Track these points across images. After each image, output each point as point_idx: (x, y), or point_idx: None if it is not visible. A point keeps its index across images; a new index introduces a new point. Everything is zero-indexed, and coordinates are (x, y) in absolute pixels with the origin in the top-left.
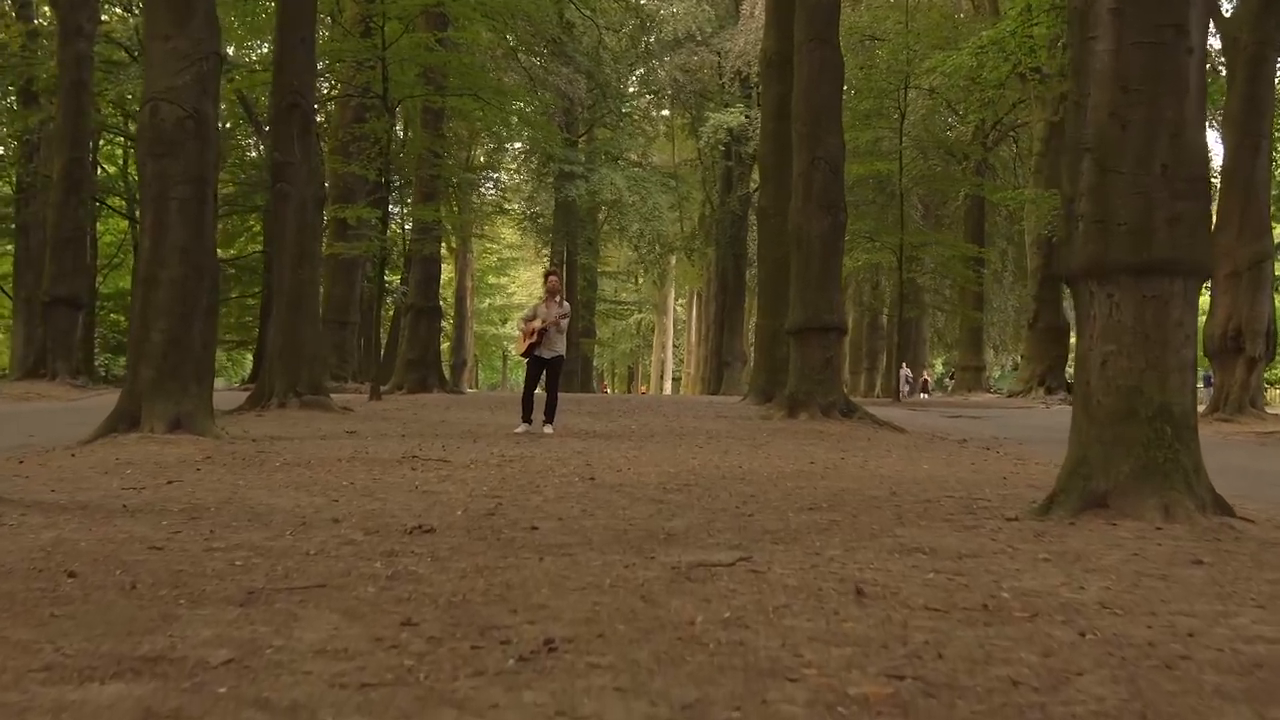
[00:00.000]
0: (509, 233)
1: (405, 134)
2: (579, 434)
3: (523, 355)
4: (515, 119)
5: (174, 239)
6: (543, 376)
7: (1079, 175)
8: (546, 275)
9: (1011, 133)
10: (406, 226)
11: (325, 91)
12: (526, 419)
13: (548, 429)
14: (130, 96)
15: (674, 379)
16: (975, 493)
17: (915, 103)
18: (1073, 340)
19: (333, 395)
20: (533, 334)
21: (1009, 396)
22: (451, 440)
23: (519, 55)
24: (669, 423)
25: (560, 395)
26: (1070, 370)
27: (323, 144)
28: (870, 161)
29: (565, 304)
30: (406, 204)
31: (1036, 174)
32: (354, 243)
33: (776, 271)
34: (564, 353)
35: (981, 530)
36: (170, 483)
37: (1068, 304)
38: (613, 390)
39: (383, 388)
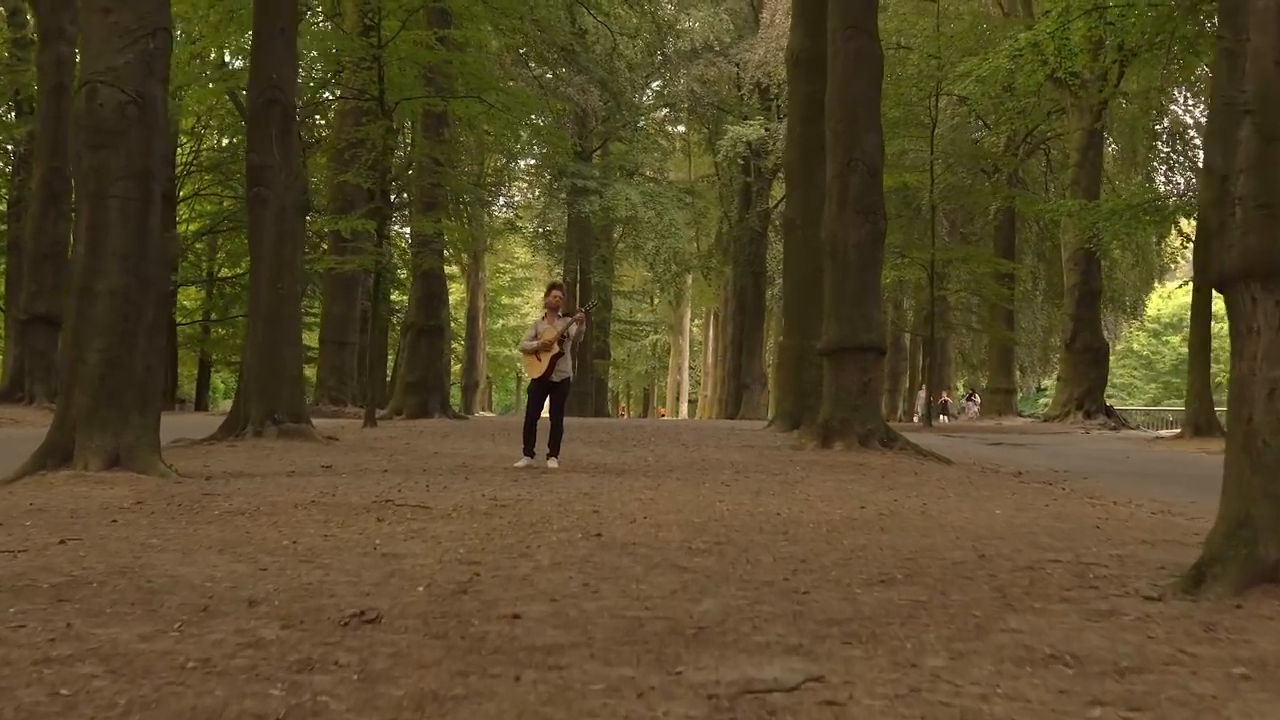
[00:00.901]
0: (522, 252)
1: (408, 141)
2: (587, 468)
3: (536, 379)
4: (523, 127)
5: (114, 244)
6: (547, 402)
7: (1235, 146)
8: (548, 289)
9: (1043, 145)
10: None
11: (317, 93)
12: (528, 451)
13: (552, 463)
14: None
15: (690, 401)
16: (1081, 552)
17: (944, 112)
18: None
19: (330, 420)
20: (551, 348)
21: (1044, 421)
22: (439, 477)
23: (529, 63)
24: (688, 454)
25: (570, 421)
26: (1108, 394)
27: (318, 154)
28: (898, 173)
29: (569, 317)
30: (408, 216)
31: (1073, 185)
32: (351, 257)
33: (804, 287)
34: (571, 375)
35: (1122, 617)
36: (64, 542)
37: (1105, 323)
38: (629, 413)
39: (381, 412)
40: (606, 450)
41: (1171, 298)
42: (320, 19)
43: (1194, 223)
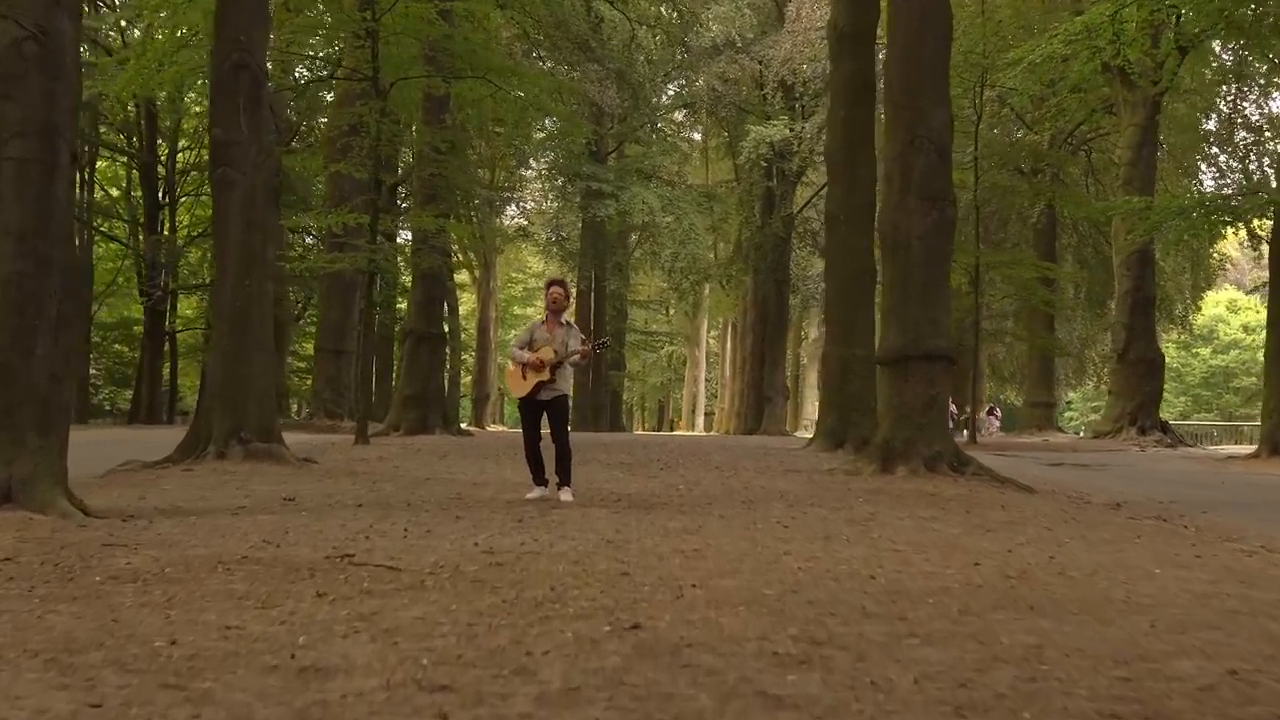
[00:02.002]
0: (534, 260)
1: (415, 130)
2: (608, 500)
3: (521, 398)
4: (535, 112)
5: (7, 219)
6: (544, 423)
7: None
8: (548, 286)
9: (1085, 145)
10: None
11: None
12: (539, 480)
13: (565, 494)
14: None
15: (705, 414)
16: None
17: (985, 108)
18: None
19: (322, 436)
20: (542, 367)
21: (1095, 437)
22: (424, 515)
23: (541, 56)
24: (725, 479)
25: (585, 437)
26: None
27: (319, 153)
28: None
29: (574, 328)
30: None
31: (1125, 185)
32: (339, 255)
33: (848, 290)
34: (569, 391)
35: None
36: None
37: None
38: (643, 427)
39: (378, 428)
40: (629, 474)
41: (1202, 309)
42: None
43: (1269, 222)
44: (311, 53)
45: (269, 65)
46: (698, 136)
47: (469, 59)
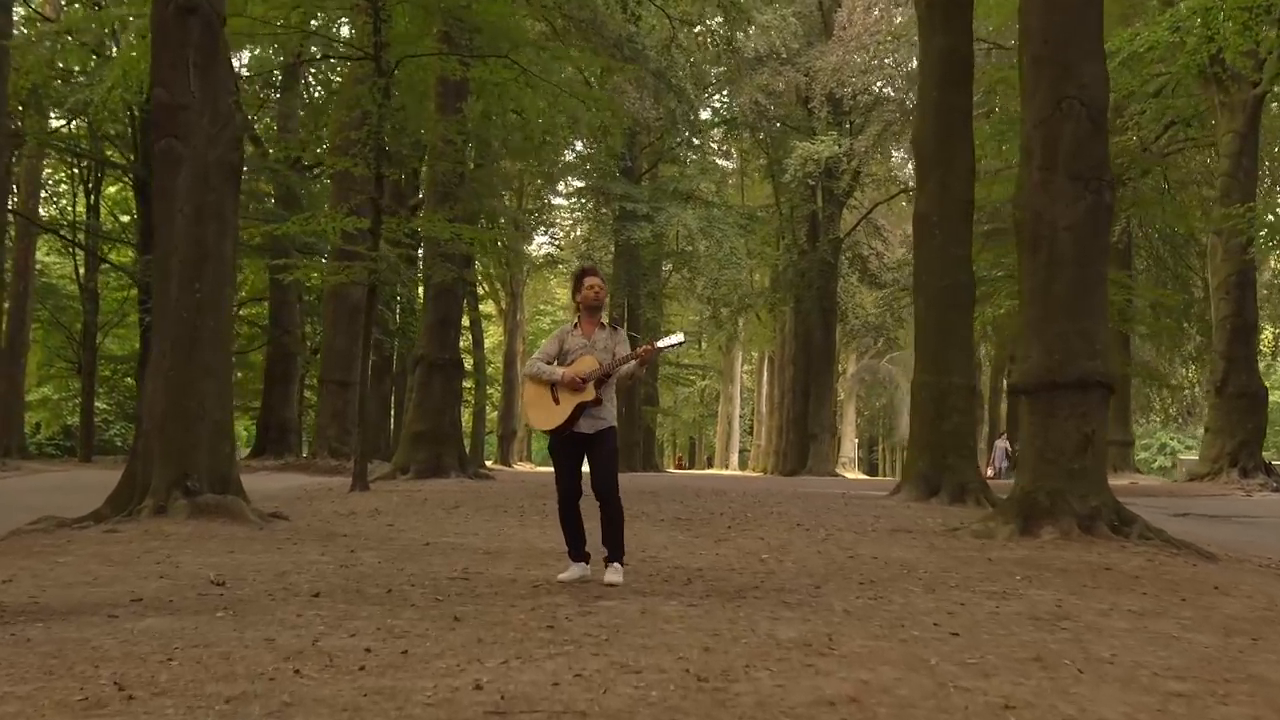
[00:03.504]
0: (563, 291)
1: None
2: (675, 582)
3: (550, 432)
4: (564, 102)
5: None
6: (583, 467)
7: None
8: (580, 276)
9: (1163, 158)
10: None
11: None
12: (576, 554)
13: (614, 575)
14: (95, 104)
15: (739, 450)
16: None
17: None
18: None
19: (322, 478)
20: (582, 385)
21: (1190, 480)
22: (408, 613)
23: (572, 53)
24: (819, 543)
25: (622, 478)
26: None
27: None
28: (1004, 183)
29: (620, 330)
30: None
31: (1224, 198)
32: (341, 265)
33: (942, 306)
34: (614, 421)
35: None
36: None
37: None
38: (675, 466)
39: (383, 469)
40: (691, 535)
41: None
42: None
43: None
44: (298, 23)
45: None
46: (732, 162)
47: (490, 33)
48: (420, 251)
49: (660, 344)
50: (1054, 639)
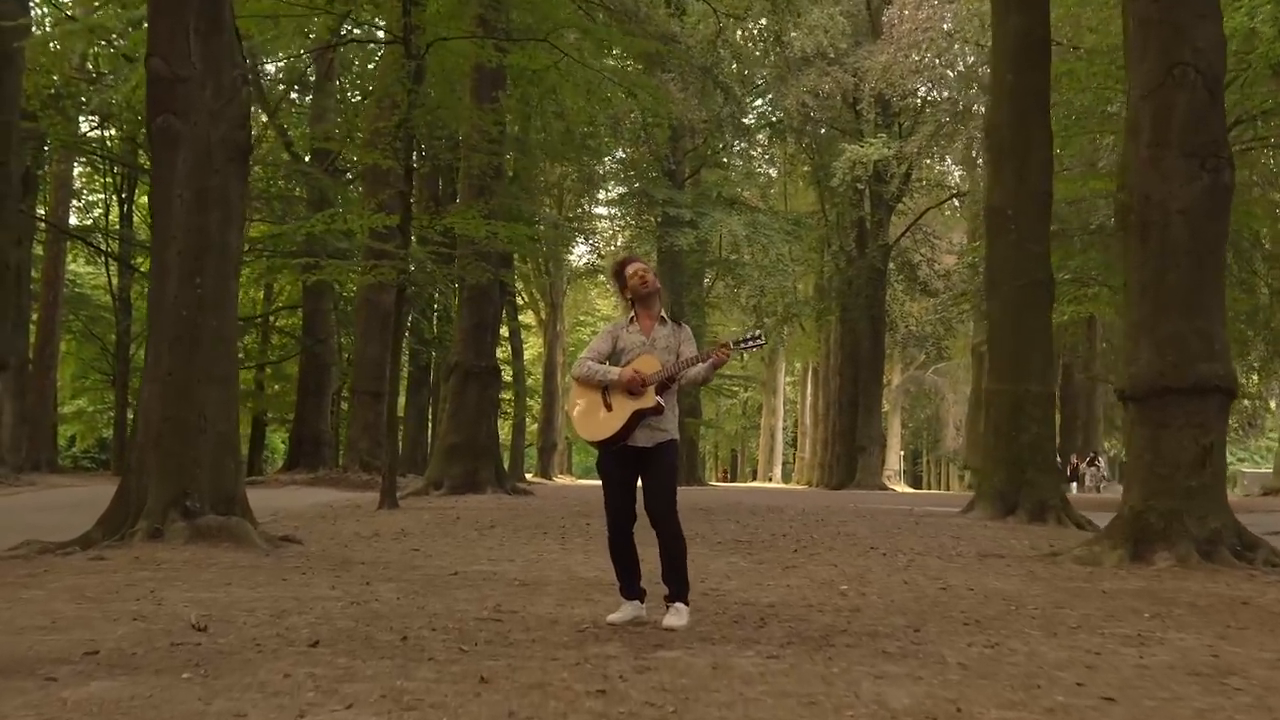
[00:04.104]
0: (604, 303)
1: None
2: (746, 625)
3: (600, 445)
4: (608, 92)
5: None
6: (637, 486)
7: None
8: (621, 267)
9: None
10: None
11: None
12: (628, 591)
13: (675, 618)
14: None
15: (782, 463)
16: None
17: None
18: None
19: (353, 494)
20: (642, 388)
21: (1264, 495)
22: (423, 669)
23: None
24: (900, 571)
25: None
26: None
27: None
28: (1085, 179)
29: (685, 326)
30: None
31: None
32: (366, 264)
33: (1019, 306)
34: (676, 433)
35: None
36: None
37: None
38: (717, 478)
39: (415, 485)
40: (754, 561)
41: None
42: None
43: None
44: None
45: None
46: (773, 171)
47: (530, 12)
48: (457, 252)
49: (737, 343)
50: (1232, 704)
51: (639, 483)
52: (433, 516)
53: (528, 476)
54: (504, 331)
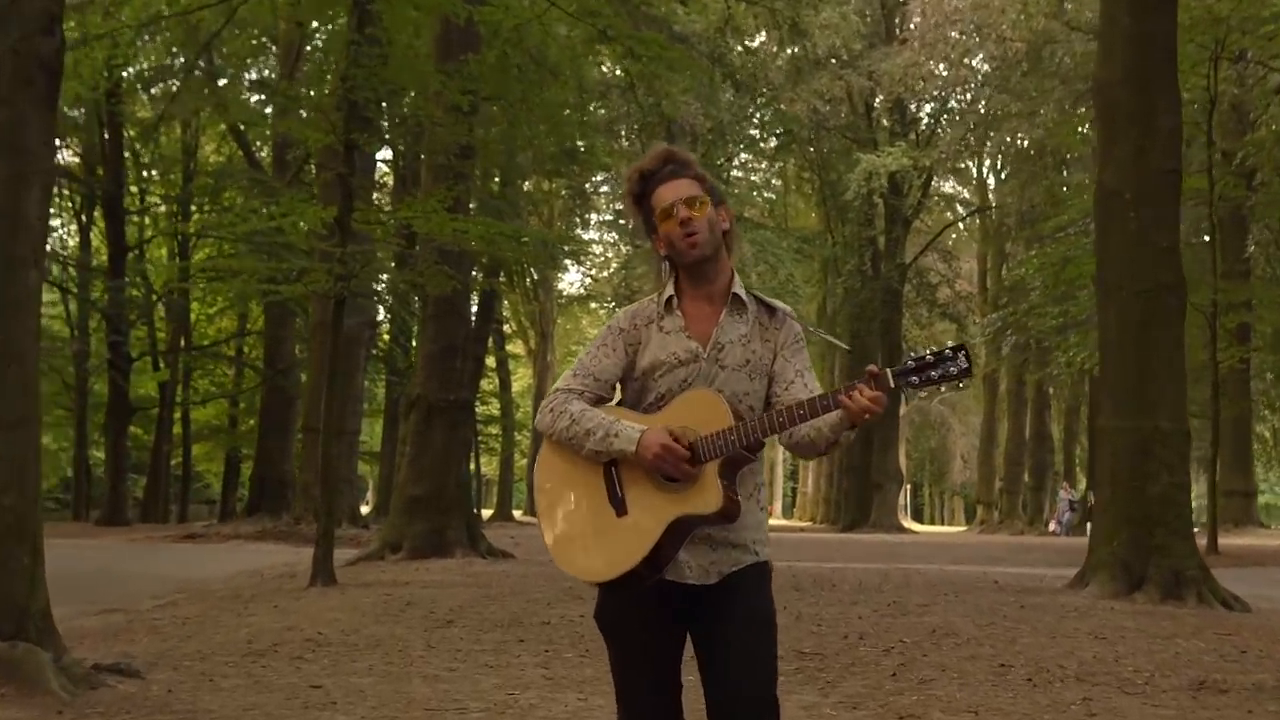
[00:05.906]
0: (596, 331)
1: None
2: None
3: (607, 586)
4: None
5: None
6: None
7: None
8: (643, 182)
9: None
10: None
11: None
12: None
13: None
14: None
15: (782, 496)
16: None
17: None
18: None
19: (302, 550)
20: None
21: None
22: None
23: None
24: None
25: None
26: None
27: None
28: None
29: (789, 318)
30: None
31: None
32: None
33: (1142, 319)
34: (766, 552)
35: None
36: None
37: None
38: None
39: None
40: (846, 708)
41: None
42: None
43: None
44: None
45: None
46: (778, 182)
47: None
48: (413, 250)
49: (907, 373)
50: None
51: (690, 653)
52: (375, 600)
53: (515, 515)
54: (490, 362)
